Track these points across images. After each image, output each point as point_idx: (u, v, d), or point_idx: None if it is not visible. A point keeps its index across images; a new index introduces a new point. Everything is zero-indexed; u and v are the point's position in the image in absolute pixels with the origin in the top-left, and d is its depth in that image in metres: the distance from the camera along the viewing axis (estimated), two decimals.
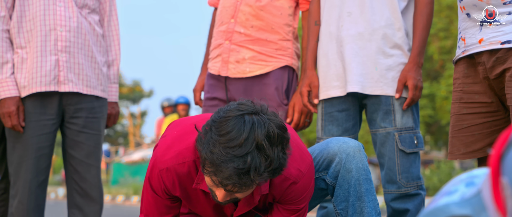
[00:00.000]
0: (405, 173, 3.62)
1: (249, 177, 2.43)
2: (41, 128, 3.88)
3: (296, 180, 2.73)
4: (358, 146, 2.96)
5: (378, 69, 3.63)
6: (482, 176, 1.49)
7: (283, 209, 2.82)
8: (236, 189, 2.48)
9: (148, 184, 2.80)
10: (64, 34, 3.89)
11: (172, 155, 2.71)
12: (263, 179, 2.46)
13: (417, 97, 3.62)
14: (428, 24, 3.67)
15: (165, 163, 2.71)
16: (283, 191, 2.75)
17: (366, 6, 3.67)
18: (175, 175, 2.71)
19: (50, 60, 3.86)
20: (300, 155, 2.77)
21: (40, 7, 3.88)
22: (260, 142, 2.42)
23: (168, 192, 2.77)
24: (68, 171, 4.02)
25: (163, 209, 2.85)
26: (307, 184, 2.77)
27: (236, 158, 2.41)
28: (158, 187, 2.77)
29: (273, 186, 2.74)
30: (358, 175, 2.93)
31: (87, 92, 3.94)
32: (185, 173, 2.71)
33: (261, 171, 2.43)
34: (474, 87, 3.26)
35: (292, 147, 2.64)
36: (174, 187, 2.75)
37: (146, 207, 2.87)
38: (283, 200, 2.79)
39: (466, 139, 3.28)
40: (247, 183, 2.45)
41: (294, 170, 2.73)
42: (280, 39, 3.98)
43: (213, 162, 2.43)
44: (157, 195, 2.80)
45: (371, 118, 3.70)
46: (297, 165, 2.74)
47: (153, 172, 2.75)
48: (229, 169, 2.41)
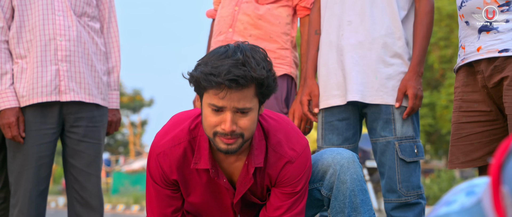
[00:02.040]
0: (405, 182, 3.61)
1: (247, 68, 2.54)
2: (41, 138, 3.88)
3: (291, 160, 2.78)
4: (352, 156, 2.96)
5: (378, 78, 3.63)
6: (483, 185, 1.49)
7: (281, 193, 2.84)
8: (238, 89, 2.55)
9: (148, 174, 2.85)
10: (64, 43, 3.89)
11: (168, 139, 2.78)
12: (260, 74, 2.56)
13: (417, 106, 3.62)
14: (428, 33, 3.67)
15: (161, 147, 2.78)
16: (279, 171, 2.79)
17: (366, 15, 3.67)
18: (171, 158, 2.77)
19: (51, 69, 3.87)
20: (296, 137, 2.82)
21: (39, 17, 3.88)
22: (247, 52, 2.58)
23: (166, 177, 2.81)
24: (68, 180, 4.01)
25: (165, 200, 2.87)
26: (303, 165, 2.81)
27: (228, 58, 2.56)
28: (156, 174, 2.81)
29: (268, 164, 2.79)
30: (353, 186, 2.92)
31: (89, 100, 3.94)
32: (181, 154, 2.76)
33: (254, 64, 2.57)
34: (473, 95, 3.26)
35: (288, 130, 2.78)
36: (171, 170, 2.79)
37: (149, 202, 2.91)
38: (280, 181, 2.82)
39: (466, 148, 3.28)
40: (247, 75, 2.54)
41: (289, 149, 2.78)
42: (278, 48, 3.98)
43: (209, 69, 2.54)
44: (156, 184, 2.84)
45: (371, 127, 3.69)
46: (292, 145, 2.79)
47: (150, 158, 2.82)
48: (226, 65, 2.54)
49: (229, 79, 2.52)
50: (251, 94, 2.60)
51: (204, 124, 2.65)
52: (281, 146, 2.78)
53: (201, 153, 2.76)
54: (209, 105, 2.60)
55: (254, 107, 2.64)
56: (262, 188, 2.88)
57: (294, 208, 2.85)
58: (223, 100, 2.57)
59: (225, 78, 2.52)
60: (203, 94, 2.62)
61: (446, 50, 20.50)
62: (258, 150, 2.76)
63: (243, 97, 2.58)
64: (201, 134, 2.76)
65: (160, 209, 2.89)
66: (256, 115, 2.66)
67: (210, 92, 2.58)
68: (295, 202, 2.85)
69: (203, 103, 2.64)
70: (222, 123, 2.60)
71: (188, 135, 2.77)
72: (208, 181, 2.84)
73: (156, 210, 2.90)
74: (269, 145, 2.79)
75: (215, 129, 2.62)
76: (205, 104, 2.63)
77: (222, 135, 2.62)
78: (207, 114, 2.63)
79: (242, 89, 2.57)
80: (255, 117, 2.65)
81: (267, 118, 2.85)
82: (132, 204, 18.99)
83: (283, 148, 2.78)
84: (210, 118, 2.62)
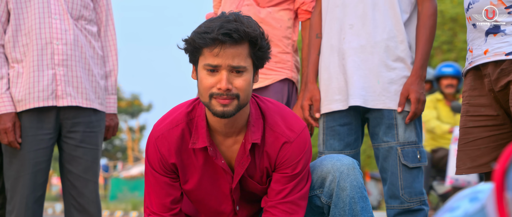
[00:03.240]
0: (408, 188, 3.61)
1: (239, 24, 2.67)
2: (38, 143, 3.87)
3: (289, 139, 2.84)
4: (352, 163, 2.96)
5: (381, 82, 3.63)
6: (486, 191, 1.49)
7: (281, 176, 2.87)
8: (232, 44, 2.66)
9: (147, 161, 2.90)
10: (61, 47, 3.89)
11: (166, 122, 2.86)
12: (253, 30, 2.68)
13: (420, 111, 3.62)
14: (431, 37, 3.67)
15: (160, 131, 2.86)
16: (277, 151, 2.84)
17: (368, 19, 3.67)
18: (169, 141, 2.84)
19: (47, 74, 3.86)
20: (294, 118, 2.89)
21: (35, 20, 3.88)
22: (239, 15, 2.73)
23: (164, 162, 2.85)
24: (65, 186, 4.01)
25: (164, 189, 2.89)
26: (302, 146, 2.86)
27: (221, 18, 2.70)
28: (155, 159, 2.86)
29: (266, 143, 2.84)
30: (353, 193, 2.92)
31: (86, 105, 3.93)
32: (179, 136, 2.83)
33: (247, 22, 2.70)
34: (480, 99, 3.25)
35: (286, 112, 2.86)
36: (169, 153, 2.84)
37: (148, 195, 2.94)
38: (280, 163, 2.85)
39: (472, 153, 3.26)
40: (239, 29, 2.66)
41: (287, 130, 2.85)
42: (279, 52, 3.98)
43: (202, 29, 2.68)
44: (155, 171, 2.88)
45: (374, 132, 3.69)
46: (290, 126, 2.86)
47: (149, 144, 2.88)
48: (217, 22, 2.66)
49: (223, 33, 2.64)
50: (245, 52, 2.70)
51: (200, 89, 2.74)
52: (278, 126, 2.85)
53: (199, 133, 2.82)
54: (204, 67, 2.70)
55: (249, 68, 2.73)
56: (262, 172, 2.91)
57: (296, 192, 2.88)
58: (218, 58, 2.67)
59: (219, 33, 2.64)
60: (198, 59, 2.73)
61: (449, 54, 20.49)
62: (255, 127, 2.82)
63: (238, 54, 2.68)
64: (198, 115, 2.84)
65: (159, 199, 2.91)
66: (251, 77, 2.75)
67: (205, 52, 2.69)
68: (296, 185, 2.88)
69: (199, 68, 2.74)
70: (218, 83, 2.68)
71: (186, 117, 2.85)
72: (206, 164, 2.88)
73: (154, 201, 2.92)
74: (267, 124, 2.85)
75: (211, 91, 2.70)
76: (200, 69, 2.73)
77: (218, 96, 2.69)
78: (202, 77, 2.72)
79: (236, 45, 2.68)
80: (250, 79, 2.74)
81: (265, 100, 2.93)
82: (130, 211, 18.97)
83: (281, 128, 2.85)
84: (205, 80, 2.71)
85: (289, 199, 2.87)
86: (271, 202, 2.89)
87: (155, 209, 2.92)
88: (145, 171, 2.95)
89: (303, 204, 2.91)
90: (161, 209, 2.91)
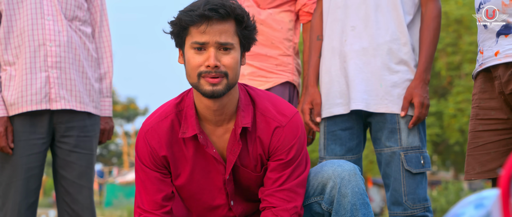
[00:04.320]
0: (411, 194, 3.61)
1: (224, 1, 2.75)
2: (30, 148, 3.87)
3: (280, 124, 2.88)
4: (353, 169, 2.95)
5: (383, 85, 3.63)
6: (492, 197, 1.49)
7: (277, 164, 2.90)
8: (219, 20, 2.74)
9: (137, 157, 2.94)
10: (54, 49, 3.88)
11: (155, 116, 2.91)
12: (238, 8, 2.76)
13: (423, 115, 3.61)
14: (435, 39, 3.67)
15: (149, 124, 2.91)
16: (270, 137, 2.88)
17: (371, 20, 3.67)
18: (159, 133, 2.88)
19: (40, 77, 3.86)
20: (284, 104, 2.93)
21: (28, 21, 3.87)
22: None
23: (155, 155, 2.88)
24: (59, 192, 4.01)
25: (155, 184, 2.91)
26: (295, 130, 2.89)
27: None
28: (145, 153, 2.90)
29: (258, 128, 2.87)
30: (355, 200, 2.92)
31: (81, 108, 3.93)
32: (169, 127, 2.87)
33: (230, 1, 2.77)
34: (490, 102, 3.23)
35: (276, 99, 2.92)
36: (160, 146, 2.87)
37: (138, 193, 2.95)
38: (273, 149, 2.88)
39: (482, 158, 3.25)
40: (225, 5, 2.74)
41: (278, 114, 2.89)
42: (280, 54, 3.98)
43: (188, 8, 2.75)
44: (145, 167, 2.91)
45: (376, 137, 3.69)
46: (281, 111, 2.90)
47: (139, 139, 2.92)
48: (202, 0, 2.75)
49: (209, 9, 2.71)
50: (232, 30, 2.78)
51: (188, 69, 2.78)
52: (269, 111, 2.89)
53: (188, 122, 2.86)
54: (191, 46, 2.76)
55: (236, 46, 2.80)
56: (256, 160, 2.92)
57: (293, 179, 2.90)
58: (205, 34, 2.74)
59: (205, 8, 2.71)
60: (185, 40, 2.79)
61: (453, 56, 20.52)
62: (245, 112, 2.86)
63: (225, 31, 2.75)
64: (187, 105, 2.88)
65: (150, 196, 2.91)
66: (239, 56, 2.81)
67: (191, 31, 2.75)
68: (293, 172, 2.91)
69: (186, 49, 2.80)
70: (206, 61, 2.74)
71: (175, 108, 2.90)
72: (197, 155, 2.90)
73: (145, 199, 2.93)
74: (257, 110, 2.89)
75: (199, 70, 2.75)
76: (187, 49, 2.78)
77: (207, 74, 2.74)
78: (190, 57, 2.77)
79: (223, 22, 2.75)
80: (238, 58, 2.80)
81: (254, 89, 2.98)
82: None
83: (271, 112, 2.89)
84: (193, 59, 2.76)
85: (286, 186, 2.89)
86: (268, 190, 2.91)
87: (147, 206, 2.92)
88: (135, 168, 2.98)
89: (301, 191, 2.92)
90: (153, 206, 2.91)
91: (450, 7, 20.07)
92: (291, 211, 2.88)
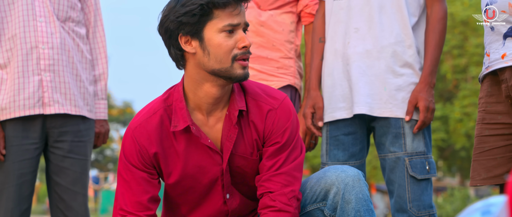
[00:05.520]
0: (416, 201, 3.61)
1: None
2: (23, 153, 3.87)
3: (272, 106, 2.93)
4: (357, 174, 2.95)
5: (387, 89, 3.63)
6: (499, 204, 1.49)
7: (273, 149, 2.92)
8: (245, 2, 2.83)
9: (123, 157, 2.91)
10: (47, 51, 3.88)
11: (142, 113, 2.91)
12: None
13: (429, 120, 3.61)
14: (441, 41, 3.67)
15: (137, 122, 2.91)
16: (264, 121, 2.92)
17: (374, 22, 3.66)
18: (148, 129, 2.88)
19: (33, 80, 3.85)
20: (273, 90, 3.01)
21: (19, 23, 3.87)
22: None
23: (143, 153, 2.87)
24: (52, 199, 4.00)
25: (141, 185, 2.88)
26: (287, 112, 2.94)
27: None
28: (132, 152, 2.88)
29: (251, 113, 2.92)
30: (359, 206, 2.92)
31: (75, 112, 3.92)
32: (158, 123, 2.88)
33: None
34: (497, 106, 3.23)
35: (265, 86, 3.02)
36: (150, 142, 2.87)
37: (121, 195, 2.92)
38: (268, 133, 2.92)
39: (488, 163, 3.24)
40: None
41: (269, 98, 2.95)
42: (281, 57, 3.98)
43: None
44: (132, 166, 2.88)
45: (380, 142, 3.69)
46: (271, 94, 2.97)
47: (126, 138, 2.91)
48: None
49: None
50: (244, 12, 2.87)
51: (220, 54, 2.80)
52: (259, 95, 2.94)
53: (179, 115, 2.86)
54: (222, 29, 2.78)
55: None
56: (252, 147, 2.93)
57: (289, 162, 2.93)
58: (238, 16, 2.80)
59: None
60: (205, 26, 2.79)
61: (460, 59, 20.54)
62: (238, 96, 2.90)
63: (245, 13, 2.85)
64: (175, 99, 2.88)
65: (135, 197, 2.88)
66: None
67: (219, 14, 2.77)
68: (288, 155, 2.93)
69: (210, 34, 2.80)
70: (239, 42, 2.79)
71: (163, 104, 2.90)
72: (189, 148, 2.90)
73: (129, 200, 2.89)
74: (248, 95, 2.94)
75: (234, 53, 2.80)
76: (214, 34, 2.79)
77: (242, 55, 2.80)
78: (222, 41, 2.79)
79: (244, 3, 2.83)
80: None
81: None
82: None
83: (262, 96, 2.94)
84: (225, 43, 2.79)
85: (283, 170, 2.91)
86: (265, 176, 2.92)
87: (130, 208, 2.88)
88: (119, 169, 2.95)
89: (298, 175, 2.95)
90: (137, 207, 2.88)
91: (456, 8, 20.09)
92: (289, 195, 2.89)
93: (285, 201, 2.87)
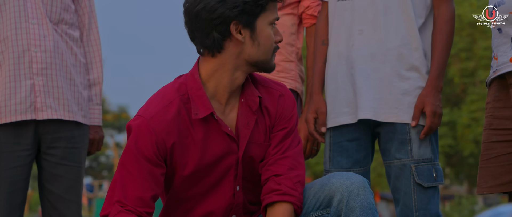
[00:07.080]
0: (422, 210, 3.60)
1: None
2: (14, 160, 3.86)
3: (282, 92, 3.08)
4: (362, 182, 2.95)
5: (393, 93, 3.62)
6: (508, 213, 1.49)
7: (280, 136, 3.03)
8: None
9: (134, 149, 2.87)
10: (40, 55, 3.87)
11: (156, 102, 2.94)
12: None
13: (436, 125, 3.61)
14: (448, 44, 3.67)
15: (151, 112, 2.90)
16: (276, 105, 3.05)
17: (380, 24, 3.66)
18: (167, 118, 2.89)
19: (25, 85, 3.85)
20: (275, 81, 3.15)
21: (11, 26, 3.86)
22: None
23: (160, 143, 2.87)
24: (45, 208, 4.00)
25: (148, 181, 2.87)
26: (293, 100, 3.10)
27: None
28: (148, 143, 2.86)
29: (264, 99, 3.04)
30: (363, 215, 2.92)
31: (69, 118, 3.92)
32: (175, 112, 2.91)
33: None
34: (505, 112, 3.23)
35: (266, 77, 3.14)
36: (168, 132, 2.88)
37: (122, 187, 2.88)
38: (279, 117, 3.05)
39: (495, 170, 3.24)
40: None
41: (276, 84, 3.10)
42: (282, 60, 3.98)
43: None
44: (143, 159, 2.86)
45: (385, 148, 3.68)
46: (276, 81, 3.13)
47: (141, 128, 2.88)
48: None
49: None
50: None
51: (267, 46, 2.95)
52: (268, 82, 3.09)
53: (198, 104, 2.91)
54: (270, 22, 2.94)
55: None
56: (265, 134, 3.02)
57: (293, 147, 3.05)
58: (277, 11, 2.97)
59: None
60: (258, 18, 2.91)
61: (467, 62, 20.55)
62: (251, 84, 3.02)
63: None
64: (191, 87, 2.92)
65: (138, 192, 2.86)
66: None
67: (270, 7, 2.92)
68: (292, 141, 3.06)
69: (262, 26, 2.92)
70: (276, 36, 2.98)
71: (177, 93, 2.93)
72: (207, 138, 2.93)
73: (131, 194, 2.86)
74: (257, 83, 3.06)
75: (274, 45, 2.97)
76: (264, 26, 2.93)
77: (276, 49, 2.99)
78: (270, 34, 2.94)
79: None
80: None
81: None
82: None
83: (271, 83, 3.09)
84: (272, 36, 2.96)
85: (288, 154, 3.01)
86: (271, 160, 3.01)
87: (130, 202, 2.85)
88: (123, 160, 2.92)
89: (301, 161, 3.07)
90: (138, 203, 2.86)
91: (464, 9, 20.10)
92: (294, 179, 2.97)
93: (290, 185, 2.95)
